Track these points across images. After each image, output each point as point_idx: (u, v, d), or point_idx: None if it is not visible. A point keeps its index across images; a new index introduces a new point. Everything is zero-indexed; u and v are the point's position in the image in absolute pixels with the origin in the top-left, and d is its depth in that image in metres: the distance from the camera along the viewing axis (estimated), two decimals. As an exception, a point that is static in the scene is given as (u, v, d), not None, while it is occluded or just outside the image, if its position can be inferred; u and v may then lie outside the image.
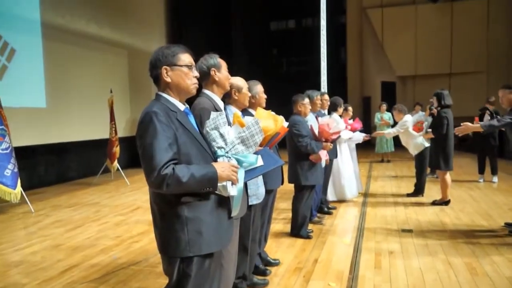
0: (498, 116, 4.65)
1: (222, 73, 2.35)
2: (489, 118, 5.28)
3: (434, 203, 5.87)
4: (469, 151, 11.51)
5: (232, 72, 2.97)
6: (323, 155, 4.30)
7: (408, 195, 6.50)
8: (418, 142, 6.12)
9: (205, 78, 2.33)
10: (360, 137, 6.07)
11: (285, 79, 16.44)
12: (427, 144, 6.08)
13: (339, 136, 4.70)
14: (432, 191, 6.72)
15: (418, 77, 16.04)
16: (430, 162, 5.74)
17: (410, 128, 6.13)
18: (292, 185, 4.43)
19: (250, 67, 14.46)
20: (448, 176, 5.71)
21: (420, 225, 4.83)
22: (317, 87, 9.47)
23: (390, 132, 6.47)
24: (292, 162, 4.33)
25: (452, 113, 5.78)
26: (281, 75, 17.17)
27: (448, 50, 15.38)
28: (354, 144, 6.37)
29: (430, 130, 5.83)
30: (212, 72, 2.33)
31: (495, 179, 7.55)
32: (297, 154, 4.26)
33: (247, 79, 3.12)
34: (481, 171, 7.67)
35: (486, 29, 14.93)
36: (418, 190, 6.44)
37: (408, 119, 6.20)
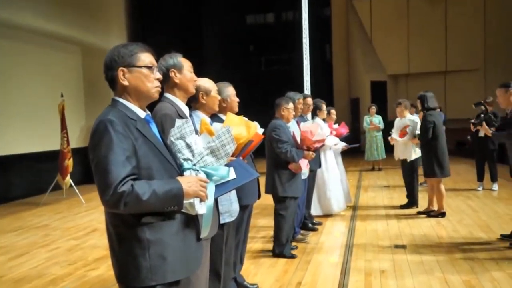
0: (492, 116, 4.82)
1: (184, 74, 2.37)
2: (482, 115, 5.48)
3: (429, 215, 6.02)
4: (467, 157, 11.85)
5: (203, 72, 2.99)
6: (304, 164, 4.37)
7: (402, 206, 6.65)
8: (414, 148, 6.27)
9: (165, 81, 2.34)
10: (340, 146, 6.19)
11: (263, 79, 16.59)
12: (419, 153, 6.24)
13: (323, 145, 4.78)
14: (427, 201, 6.86)
15: (411, 76, 16.46)
16: (425, 172, 5.89)
17: (395, 134, 6.28)
18: (272, 200, 4.46)
19: (223, 66, 14.51)
20: (441, 185, 5.88)
21: (415, 240, 4.95)
22: (300, 89, 9.59)
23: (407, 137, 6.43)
24: (270, 171, 4.38)
25: (446, 114, 5.96)
26: (259, 75, 17.31)
27: (443, 46, 15.87)
28: (339, 151, 6.48)
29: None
30: (171, 74, 2.35)
31: (495, 186, 7.80)
32: (276, 161, 4.32)
33: (219, 79, 3.15)
34: (480, 178, 7.91)
35: (482, 22, 15.49)
36: (412, 201, 6.60)
37: (408, 118, 6.33)
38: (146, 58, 1.83)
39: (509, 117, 4.57)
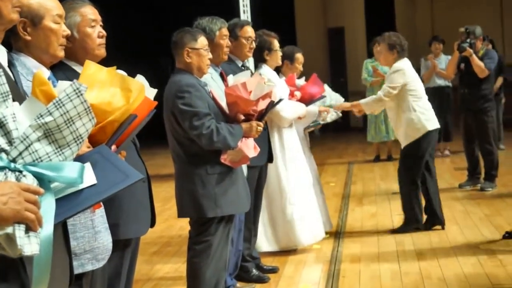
0: None
1: None
2: None
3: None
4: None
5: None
6: (250, 148, 4.43)
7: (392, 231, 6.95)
8: (413, 119, 6.57)
9: None
10: (309, 118, 6.38)
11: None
12: (432, 126, 6.61)
13: (274, 105, 4.74)
14: (458, 215, 7.13)
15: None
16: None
17: None
18: (182, 225, 4.49)
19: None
20: None
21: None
22: (231, 13, 9.61)
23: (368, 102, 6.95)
24: (182, 174, 4.44)
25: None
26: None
27: None
28: (306, 131, 6.65)
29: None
30: None
31: None
32: (192, 155, 4.37)
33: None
34: None
35: None
36: (433, 216, 6.92)
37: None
38: None
39: None
